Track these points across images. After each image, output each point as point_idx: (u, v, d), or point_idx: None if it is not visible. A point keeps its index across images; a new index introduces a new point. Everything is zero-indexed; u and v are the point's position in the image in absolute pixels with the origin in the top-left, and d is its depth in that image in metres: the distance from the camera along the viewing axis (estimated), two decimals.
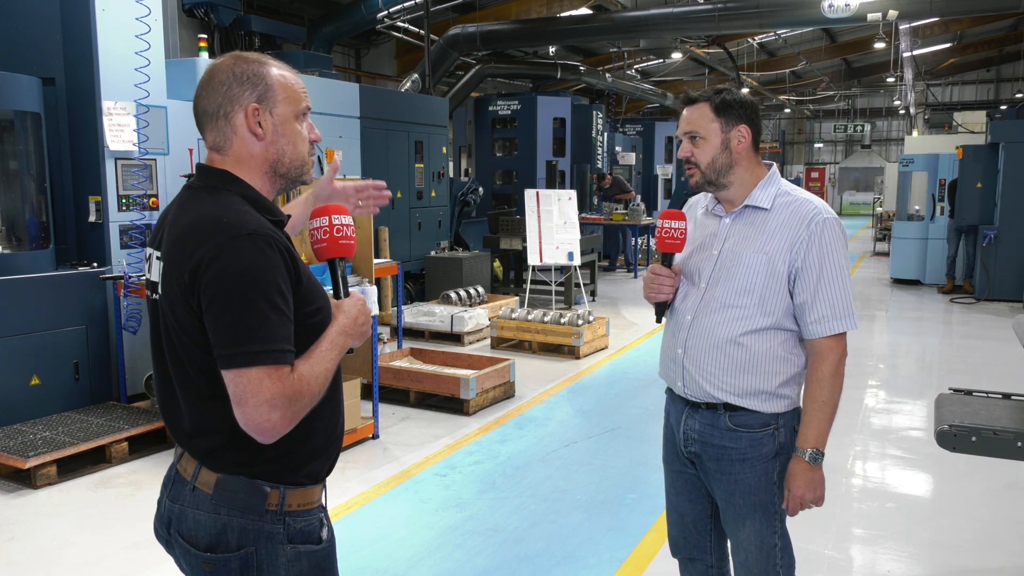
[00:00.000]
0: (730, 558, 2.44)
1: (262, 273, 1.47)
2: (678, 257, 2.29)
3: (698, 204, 2.38)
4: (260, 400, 1.43)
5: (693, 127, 2.18)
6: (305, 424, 1.57)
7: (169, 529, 1.64)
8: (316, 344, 1.57)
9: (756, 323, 2.14)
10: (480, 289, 9.48)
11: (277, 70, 1.63)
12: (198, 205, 1.57)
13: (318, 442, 1.66)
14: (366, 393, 5.36)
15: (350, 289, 1.73)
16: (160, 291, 1.58)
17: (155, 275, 1.62)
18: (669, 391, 2.38)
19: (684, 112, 2.22)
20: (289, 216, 1.73)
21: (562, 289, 9.68)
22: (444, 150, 10.50)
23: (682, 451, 2.30)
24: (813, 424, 2.13)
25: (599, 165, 14.91)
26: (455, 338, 8.20)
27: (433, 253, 9.99)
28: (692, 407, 2.26)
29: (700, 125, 2.17)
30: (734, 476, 2.19)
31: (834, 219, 2.13)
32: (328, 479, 1.73)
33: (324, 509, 1.72)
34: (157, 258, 1.62)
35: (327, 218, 1.70)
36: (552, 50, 17.46)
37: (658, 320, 2.35)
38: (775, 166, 2.28)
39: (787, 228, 2.13)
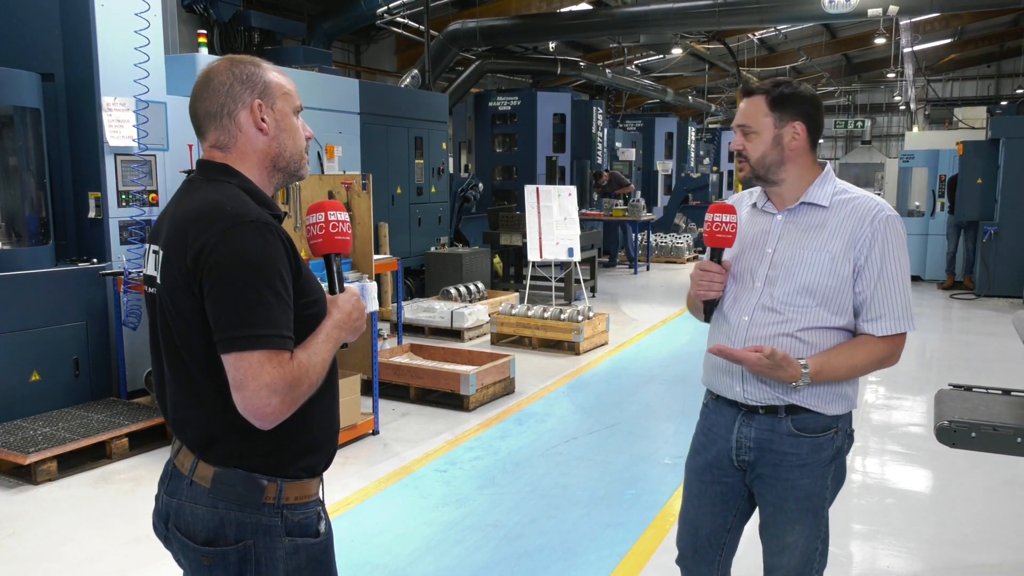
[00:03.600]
0: (730, 563, 2.37)
1: (264, 259, 1.48)
2: (727, 254, 2.19)
3: (743, 200, 2.30)
4: (260, 384, 1.44)
5: (746, 120, 2.11)
6: (302, 417, 1.57)
7: (167, 524, 1.65)
8: (313, 335, 1.59)
9: (819, 321, 2.07)
10: (480, 285, 9.48)
11: (272, 71, 1.69)
12: (198, 195, 1.59)
13: (314, 436, 1.67)
14: (366, 389, 5.36)
15: (346, 284, 1.74)
16: (159, 281, 1.58)
17: (152, 269, 1.63)
18: (715, 400, 2.27)
19: (740, 104, 2.16)
20: (287, 213, 1.74)
21: (562, 285, 9.68)
22: (444, 146, 10.48)
23: (733, 459, 2.20)
24: (835, 358, 2.05)
25: (599, 161, 14.89)
26: (455, 334, 8.19)
27: (433, 249, 9.98)
28: (748, 414, 2.16)
29: (753, 118, 2.10)
30: (792, 482, 2.13)
31: (896, 216, 2.07)
32: (328, 475, 1.74)
33: (322, 503, 1.72)
34: (154, 251, 1.62)
35: (323, 214, 1.71)
36: (552, 46, 17.46)
37: (707, 319, 2.26)
38: (830, 165, 2.18)
39: (848, 225, 2.05)
